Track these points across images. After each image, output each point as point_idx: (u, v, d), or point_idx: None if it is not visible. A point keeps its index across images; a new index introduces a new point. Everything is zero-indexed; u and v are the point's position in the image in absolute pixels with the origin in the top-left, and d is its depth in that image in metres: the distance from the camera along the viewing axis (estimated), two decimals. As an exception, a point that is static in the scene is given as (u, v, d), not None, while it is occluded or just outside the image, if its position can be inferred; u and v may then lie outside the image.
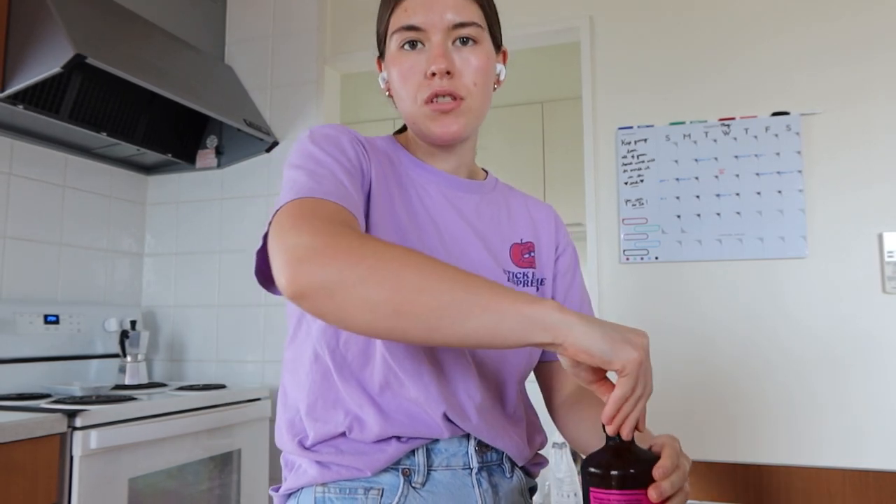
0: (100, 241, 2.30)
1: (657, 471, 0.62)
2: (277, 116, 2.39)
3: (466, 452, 0.80)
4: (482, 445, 0.81)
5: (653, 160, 2.04)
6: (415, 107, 0.82)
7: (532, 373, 0.94)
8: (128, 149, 2.19)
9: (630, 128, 2.08)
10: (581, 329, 0.60)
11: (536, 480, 0.92)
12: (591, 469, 0.64)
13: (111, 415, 1.56)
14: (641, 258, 2.03)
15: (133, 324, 2.18)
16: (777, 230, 1.92)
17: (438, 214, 0.85)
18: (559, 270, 0.96)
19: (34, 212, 2.06)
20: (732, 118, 1.99)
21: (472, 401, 0.79)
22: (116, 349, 2.18)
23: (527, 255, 0.91)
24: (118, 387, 2.04)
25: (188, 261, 2.43)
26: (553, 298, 0.90)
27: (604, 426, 0.64)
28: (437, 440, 0.79)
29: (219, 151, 2.37)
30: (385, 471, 0.77)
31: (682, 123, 2.03)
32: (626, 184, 2.06)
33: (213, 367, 2.35)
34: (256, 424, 2.09)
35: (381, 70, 0.89)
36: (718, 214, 1.97)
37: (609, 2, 2.15)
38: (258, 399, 2.11)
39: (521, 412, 0.88)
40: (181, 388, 2.05)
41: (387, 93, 0.89)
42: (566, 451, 1.88)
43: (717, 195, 1.98)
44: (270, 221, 0.69)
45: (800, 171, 1.91)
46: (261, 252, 0.73)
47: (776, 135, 1.94)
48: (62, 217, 2.15)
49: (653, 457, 0.65)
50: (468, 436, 0.80)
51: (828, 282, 1.87)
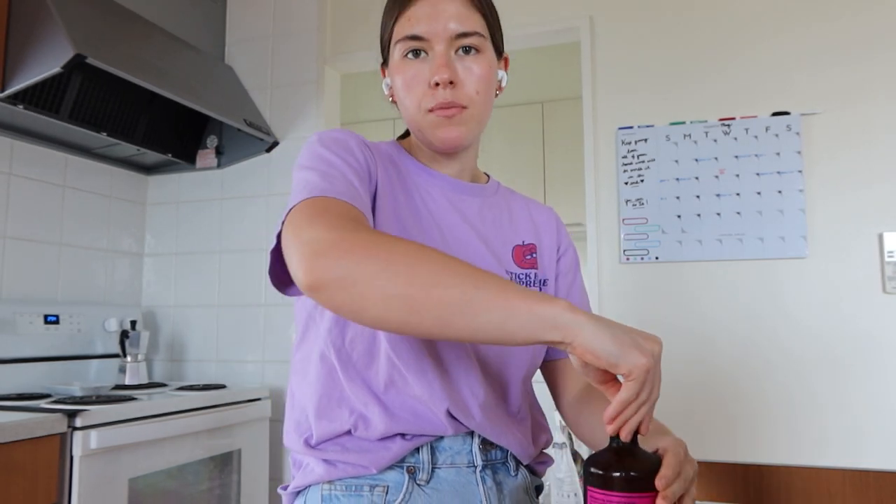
0: (100, 241, 2.30)
1: (659, 481, 0.61)
2: (277, 116, 2.38)
3: (471, 450, 0.81)
4: (486, 443, 0.82)
5: (653, 160, 2.04)
6: (419, 115, 0.84)
7: (539, 371, 0.95)
8: (128, 149, 2.19)
9: (630, 128, 2.08)
10: (591, 330, 0.60)
11: (542, 480, 0.92)
12: (593, 469, 0.64)
13: (111, 415, 1.56)
14: (642, 258, 2.03)
15: (133, 324, 2.18)
16: (777, 230, 1.91)
17: (442, 217, 0.86)
18: (561, 271, 0.97)
19: (34, 212, 2.06)
20: (733, 118, 1.99)
21: (476, 398, 0.80)
22: (116, 349, 2.18)
23: (529, 257, 0.93)
24: (118, 387, 2.04)
25: (188, 261, 2.43)
26: None
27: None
28: (442, 438, 0.80)
29: (219, 151, 2.37)
30: (390, 468, 0.78)
31: (683, 123, 2.03)
32: (627, 184, 2.06)
33: (214, 367, 2.35)
34: (256, 424, 2.09)
35: (385, 76, 0.91)
36: (719, 214, 1.97)
37: (609, 2, 2.15)
38: (258, 399, 2.11)
39: (526, 411, 0.88)
40: (181, 388, 2.05)
41: (390, 99, 0.90)
42: (566, 451, 1.88)
43: (718, 195, 1.98)
44: (284, 220, 0.70)
45: (800, 171, 1.91)
46: (274, 252, 0.74)
47: (776, 135, 1.94)
48: (62, 217, 2.15)
49: (656, 460, 0.65)
50: (472, 434, 0.81)
51: (828, 282, 1.87)
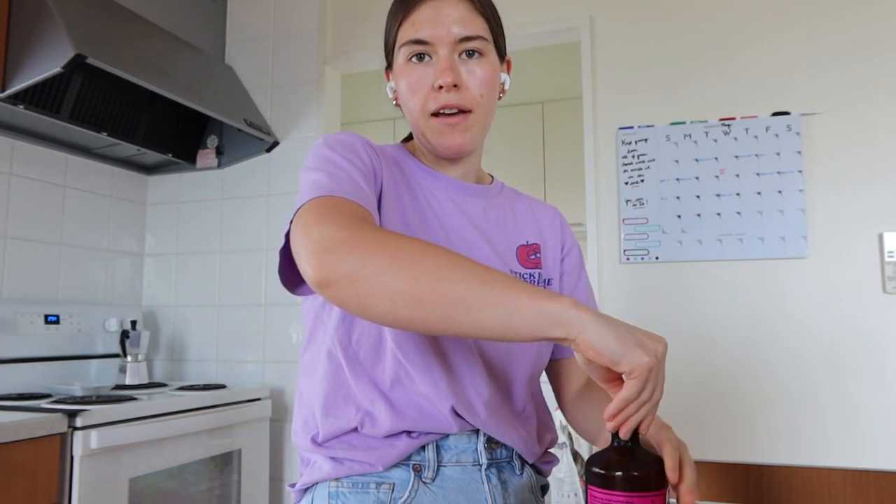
0: (100, 241, 2.30)
1: (671, 473, 0.64)
2: (278, 116, 2.38)
3: (476, 448, 0.82)
4: (491, 442, 0.83)
5: (653, 160, 2.04)
6: (423, 119, 0.85)
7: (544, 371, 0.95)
8: (128, 149, 2.19)
9: (630, 128, 2.08)
10: (594, 327, 0.61)
11: (548, 479, 0.93)
12: (594, 469, 0.64)
13: (111, 415, 1.56)
14: (642, 258, 2.03)
15: (133, 324, 2.18)
16: (777, 230, 1.91)
17: (447, 218, 0.87)
18: (565, 270, 0.98)
19: (35, 212, 2.06)
20: (733, 118, 1.99)
21: (481, 396, 0.80)
22: (117, 349, 2.18)
23: (533, 257, 0.93)
24: (118, 387, 2.04)
25: (188, 261, 2.43)
26: None
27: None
28: (447, 436, 0.81)
29: (219, 151, 2.37)
30: (396, 466, 0.79)
31: (683, 123, 2.03)
32: (627, 184, 2.06)
33: (214, 367, 2.35)
34: (257, 424, 2.09)
35: (389, 80, 0.92)
36: (719, 214, 1.97)
37: (609, 2, 2.15)
38: (258, 399, 2.11)
39: (532, 410, 0.89)
40: (181, 388, 2.05)
41: (395, 102, 0.91)
42: (566, 451, 1.89)
43: (718, 195, 1.98)
44: (291, 219, 0.72)
45: (800, 171, 1.91)
46: (283, 251, 0.75)
47: (776, 135, 1.94)
48: (63, 217, 2.15)
49: (657, 459, 0.65)
50: (477, 432, 0.82)
51: (828, 282, 1.87)
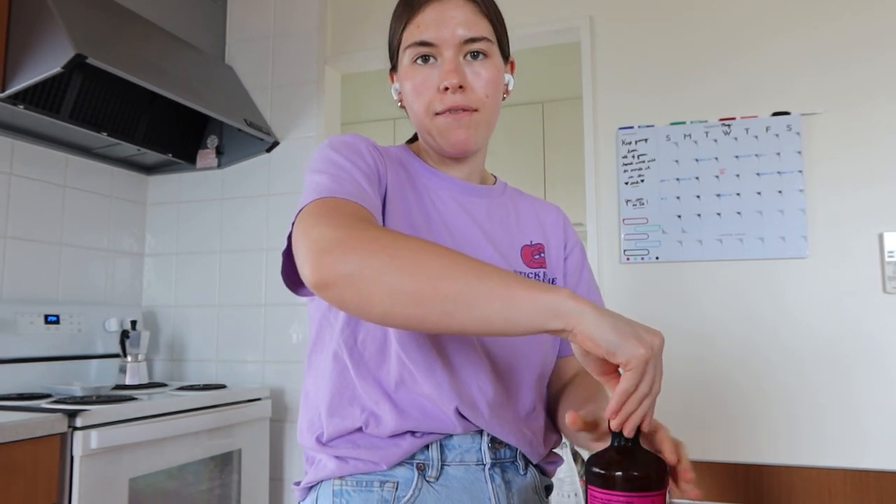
0: (100, 241, 2.29)
1: (685, 473, 0.65)
2: (278, 116, 2.38)
3: (479, 448, 0.82)
4: (495, 442, 0.83)
5: (653, 160, 2.04)
6: (428, 119, 0.86)
7: None
8: (128, 149, 2.19)
9: (630, 128, 2.08)
10: (592, 318, 0.61)
11: (552, 480, 0.93)
12: (594, 469, 0.64)
13: (111, 415, 1.56)
14: (642, 258, 2.03)
15: (133, 324, 2.17)
16: (778, 230, 1.91)
17: (451, 219, 0.88)
18: (568, 269, 0.99)
19: (35, 212, 2.06)
20: (733, 118, 1.99)
21: (485, 396, 0.81)
22: (117, 349, 2.18)
23: (537, 256, 0.94)
24: (118, 387, 2.04)
25: (188, 261, 2.43)
26: None
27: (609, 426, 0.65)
28: (451, 436, 0.81)
29: (219, 151, 2.37)
30: (400, 465, 0.80)
31: (683, 123, 2.03)
32: (627, 184, 2.06)
33: (214, 367, 2.35)
34: (257, 424, 2.09)
35: (394, 82, 0.92)
36: (719, 214, 1.97)
37: (609, 2, 2.15)
38: (258, 399, 2.11)
39: (540, 411, 0.89)
40: (181, 388, 2.05)
41: (399, 104, 0.92)
42: (566, 451, 1.88)
43: (718, 195, 1.98)
44: (294, 221, 0.72)
45: (800, 171, 1.91)
46: (286, 253, 0.75)
47: (777, 135, 1.94)
48: (63, 217, 2.15)
49: (657, 459, 0.65)
50: (481, 432, 0.82)
51: (828, 282, 1.87)
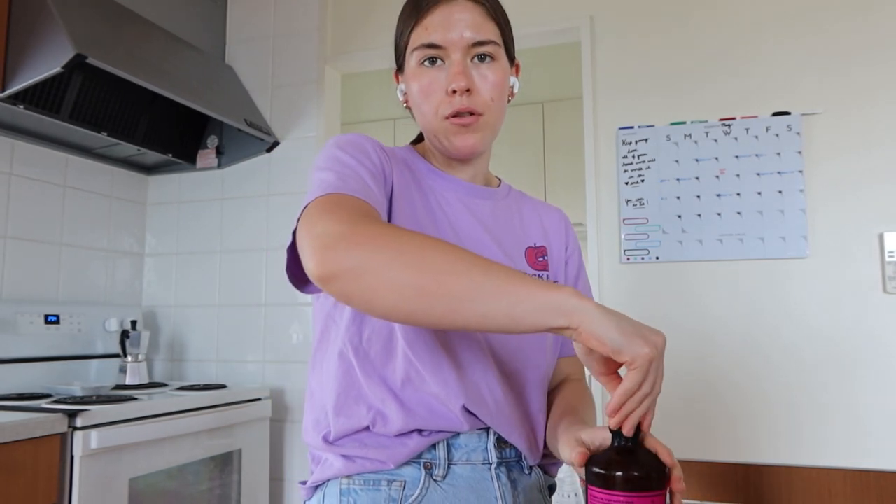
0: (100, 241, 2.29)
1: (676, 483, 0.65)
2: (278, 116, 2.38)
3: (486, 448, 0.82)
4: (501, 441, 0.83)
5: (653, 160, 2.04)
6: (436, 121, 0.86)
7: None
8: (128, 149, 2.19)
9: (631, 128, 2.08)
10: (597, 316, 0.61)
11: (555, 479, 0.94)
12: (594, 469, 0.64)
13: (112, 415, 1.56)
14: (642, 258, 2.03)
15: (133, 324, 2.17)
16: (778, 230, 1.91)
17: (457, 219, 0.88)
18: (569, 272, 1.00)
19: (35, 212, 2.06)
20: (733, 118, 1.99)
21: (492, 395, 0.81)
22: (117, 349, 2.18)
23: (541, 259, 0.95)
24: (119, 387, 2.04)
25: (189, 261, 2.43)
26: None
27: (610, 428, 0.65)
28: (458, 435, 0.81)
29: (219, 151, 2.37)
30: (407, 464, 0.80)
31: (683, 123, 2.03)
32: (627, 184, 2.06)
33: (214, 367, 2.35)
34: (257, 424, 2.09)
35: (399, 82, 0.93)
36: (719, 214, 1.97)
37: (609, 2, 2.15)
38: (258, 399, 2.11)
39: (542, 415, 0.89)
40: (182, 388, 2.05)
41: (405, 104, 0.92)
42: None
43: (718, 195, 1.97)
44: (299, 217, 0.72)
45: (800, 171, 1.91)
46: (291, 250, 0.75)
47: (777, 135, 1.94)
48: (63, 217, 2.15)
49: (657, 459, 0.65)
50: (487, 432, 0.82)
51: (829, 282, 1.87)
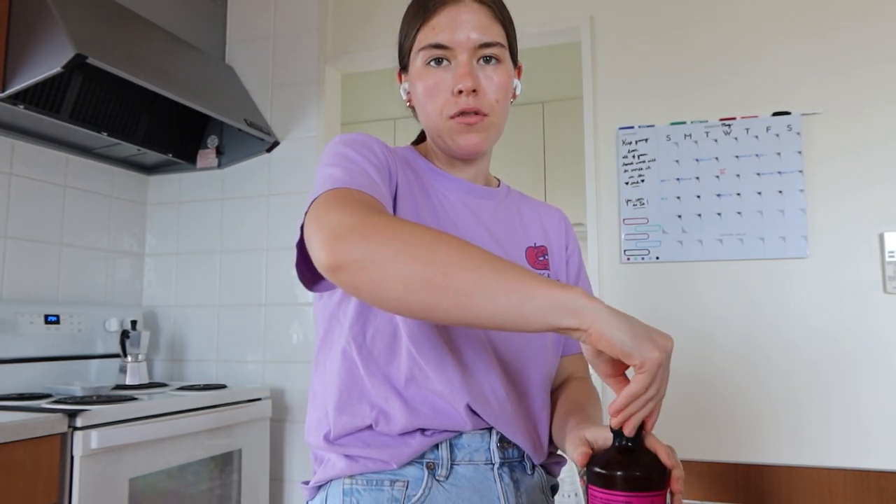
0: (100, 241, 2.29)
1: (674, 484, 0.65)
2: (278, 116, 2.38)
3: (489, 448, 0.82)
4: (504, 442, 0.83)
5: (654, 160, 2.04)
6: (440, 121, 0.86)
7: None
8: (128, 149, 2.19)
9: (631, 128, 2.08)
10: (607, 317, 0.61)
11: (558, 479, 0.94)
12: (595, 469, 0.64)
13: (112, 415, 1.56)
14: (642, 258, 2.03)
15: (134, 324, 2.17)
16: (778, 230, 1.91)
17: (459, 219, 0.89)
18: (570, 272, 1.00)
19: (35, 212, 2.06)
20: (733, 118, 1.99)
21: (496, 394, 0.81)
22: (117, 349, 2.18)
23: (541, 258, 0.95)
24: (119, 387, 2.04)
25: (189, 261, 2.43)
26: None
27: (612, 428, 0.65)
28: (461, 435, 0.81)
29: (219, 151, 2.37)
30: (410, 464, 0.80)
31: (683, 123, 2.03)
32: (627, 184, 2.06)
33: (214, 367, 2.35)
34: (257, 424, 2.09)
35: (402, 82, 0.93)
36: (719, 214, 1.97)
37: (609, 2, 2.15)
38: (259, 399, 2.11)
39: (546, 414, 0.89)
40: (182, 388, 2.05)
41: (408, 104, 0.93)
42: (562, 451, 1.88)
43: (718, 195, 1.97)
44: (306, 211, 0.72)
45: (801, 171, 1.91)
46: (299, 245, 0.76)
47: (777, 135, 1.94)
48: (63, 217, 2.15)
49: (658, 460, 0.65)
50: (490, 431, 0.82)
51: (829, 282, 1.87)
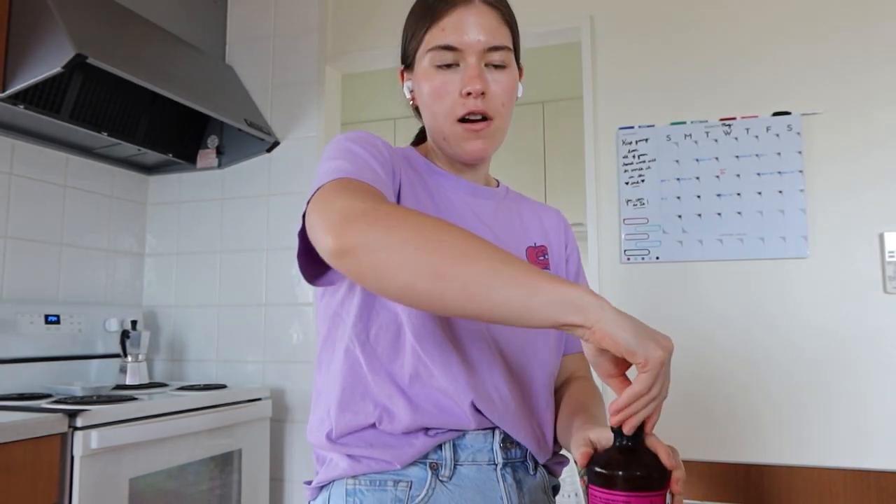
0: (101, 241, 2.29)
1: (674, 485, 0.65)
2: (278, 116, 2.38)
3: (491, 448, 0.82)
4: (507, 442, 0.83)
5: (654, 160, 2.04)
6: (447, 124, 0.86)
7: None
8: (129, 149, 2.19)
9: (631, 128, 2.08)
10: (612, 316, 0.61)
11: (559, 479, 0.94)
12: (596, 469, 0.64)
13: (112, 415, 1.56)
14: (642, 258, 2.03)
15: (134, 324, 2.17)
16: (778, 230, 1.91)
17: (461, 218, 0.89)
18: (569, 272, 1.01)
19: (35, 212, 2.06)
20: (733, 118, 1.99)
21: (499, 392, 0.82)
22: (117, 349, 2.18)
23: (542, 258, 0.95)
24: (119, 387, 2.04)
25: (189, 261, 2.43)
26: None
27: (612, 427, 0.65)
28: (464, 436, 0.81)
29: (220, 151, 2.37)
30: (413, 464, 0.80)
31: (683, 123, 2.03)
32: (627, 184, 2.06)
33: (214, 367, 2.35)
34: (257, 424, 2.09)
35: (404, 80, 0.93)
36: (719, 214, 1.97)
37: (609, 2, 2.15)
38: (259, 399, 2.11)
39: (550, 413, 0.89)
40: (182, 388, 2.05)
41: (411, 102, 0.92)
42: (566, 451, 1.88)
43: (718, 195, 1.97)
44: (309, 200, 0.72)
45: (801, 171, 1.91)
46: (301, 234, 0.75)
47: (777, 135, 1.94)
48: (63, 217, 2.15)
49: (657, 459, 0.65)
50: (493, 431, 0.82)
51: (829, 282, 1.87)
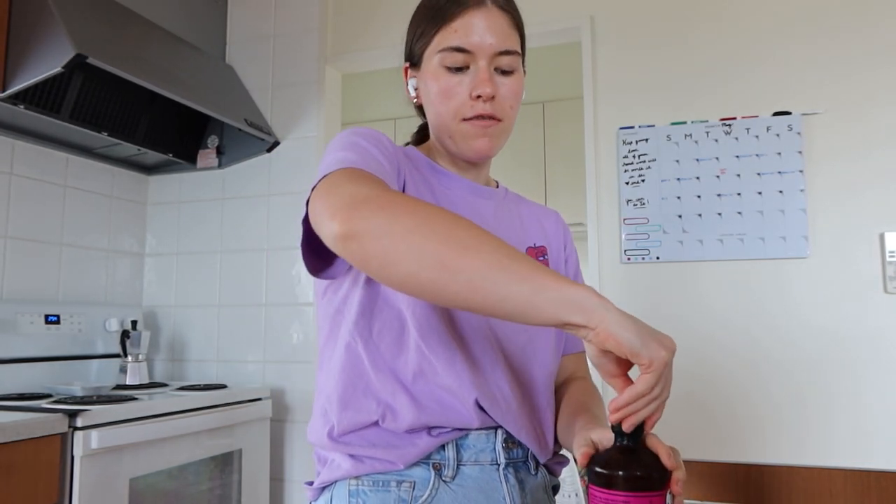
0: (101, 241, 2.29)
1: (673, 486, 0.65)
2: (278, 116, 2.38)
3: (494, 448, 0.82)
4: (509, 442, 0.83)
5: (654, 160, 2.04)
6: (453, 123, 0.87)
7: None
8: (129, 149, 2.19)
9: (631, 127, 2.08)
10: (616, 317, 0.61)
11: (559, 479, 0.94)
12: (596, 469, 0.64)
13: (112, 415, 1.56)
14: (643, 258, 2.03)
15: (134, 324, 2.17)
16: (778, 230, 1.91)
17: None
18: (569, 270, 1.01)
19: (35, 212, 2.06)
20: (734, 118, 1.99)
21: (502, 391, 0.82)
22: (117, 349, 2.18)
23: (541, 258, 0.96)
24: (119, 387, 2.04)
25: (189, 261, 2.43)
26: None
27: (613, 426, 0.65)
28: (467, 436, 0.81)
29: (220, 151, 2.37)
30: (416, 465, 0.80)
31: (684, 123, 2.03)
32: (628, 184, 2.06)
33: (214, 367, 2.35)
34: (257, 424, 2.09)
35: (408, 77, 0.93)
36: (720, 214, 1.97)
37: (610, 2, 2.15)
38: (259, 399, 2.11)
39: (550, 413, 0.90)
40: (182, 388, 2.05)
41: (415, 100, 0.93)
42: (566, 450, 1.88)
43: (719, 195, 1.97)
44: (314, 187, 0.72)
45: (801, 171, 1.91)
46: (305, 222, 0.75)
47: (777, 135, 1.94)
48: (63, 217, 2.15)
49: (657, 459, 0.65)
50: (496, 431, 0.83)
51: (829, 282, 1.87)
